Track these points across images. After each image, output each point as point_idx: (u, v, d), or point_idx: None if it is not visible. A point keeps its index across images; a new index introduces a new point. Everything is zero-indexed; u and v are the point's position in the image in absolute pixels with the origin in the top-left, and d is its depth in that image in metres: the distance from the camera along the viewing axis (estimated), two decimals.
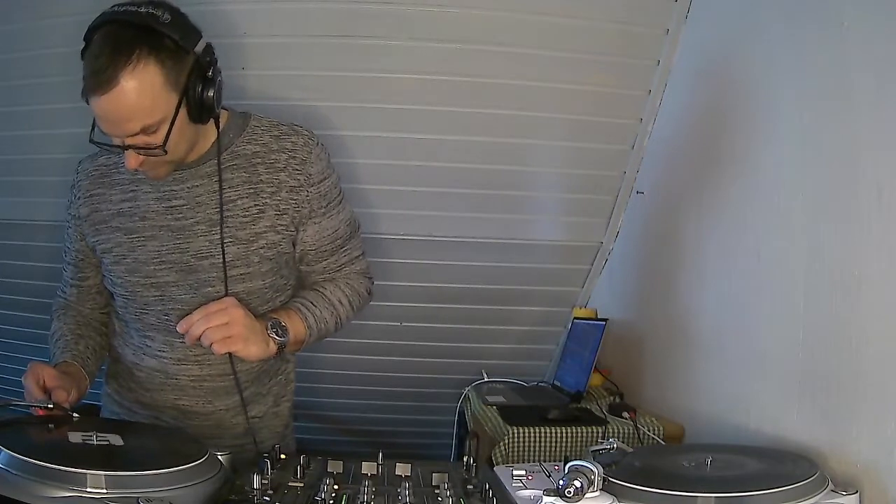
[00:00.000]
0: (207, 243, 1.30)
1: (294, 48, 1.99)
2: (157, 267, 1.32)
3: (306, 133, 1.36)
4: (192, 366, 1.37)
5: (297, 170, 1.33)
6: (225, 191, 1.30)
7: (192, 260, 1.31)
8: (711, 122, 1.81)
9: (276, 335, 1.26)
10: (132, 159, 1.18)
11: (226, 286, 1.30)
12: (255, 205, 1.31)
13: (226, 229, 1.29)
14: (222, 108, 1.32)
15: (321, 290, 1.40)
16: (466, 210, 2.31)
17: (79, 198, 1.39)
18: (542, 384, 2.37)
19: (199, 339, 1.20)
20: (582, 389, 2.06)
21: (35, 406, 1.18)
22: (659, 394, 2.00)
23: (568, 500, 0.96)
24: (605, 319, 2.19)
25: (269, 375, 1.46)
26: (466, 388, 2.30)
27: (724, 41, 1.79)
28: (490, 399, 2.07)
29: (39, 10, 1.97)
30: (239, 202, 1.31)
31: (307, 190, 1.34)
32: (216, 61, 1.22)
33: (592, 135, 2.17)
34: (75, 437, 1.09)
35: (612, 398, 2.07)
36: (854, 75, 1.25)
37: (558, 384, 2.26)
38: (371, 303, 1.52)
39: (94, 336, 1.43)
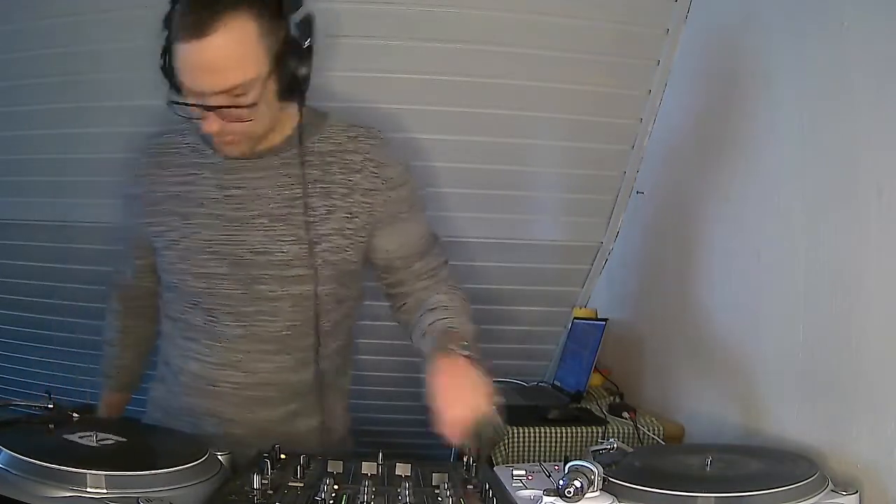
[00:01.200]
0: (266, 239, 1.23)
1: None
2: (208, 256, 1.25)
3: (382, 136, 1.29)
4: (233, 372, 1.29)
5: (374, 172, 1.25)
6: (294, 187, 1.23)
7: (248, 254, 1.24)
8: (711, 122, 1.81)
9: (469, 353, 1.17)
10: (212, 122, 1.11)
11: (315, 289, 1.25)
12: (325, 205, 1.24)
13: (288, 227, 1.23)
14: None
15: (447, 301, 1.31)
16: (466, 210, 2.31)
17: (134, 176, 1.32)
18: (542, 384, 2.37)
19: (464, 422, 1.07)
20: (582, 389, 2.06)
21: (35, 406, 1.18)
22: (659, 394, 2.01)
23: (568, 500, 0.96)
24: (605, 319, 2.19)
25: (319, 389, 1.36)
26: None
27: (723, 41, 1.79)
28: None
29: (39, 10, 1.97)
30: (306, 200, 1.24)
31: (385, 194, 1.26)
32: (314, 35, 1.15)
33: (592, 135, 2.18)
34: (75, 437, 1.09)
35: (612, 398, 2.07)
36: (854, 75, 1.25)
37: (558, 384, 2.26)
38: (371, 302, 1.47)
39: (144, 324, 1.45)
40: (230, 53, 1.06)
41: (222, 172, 1.25)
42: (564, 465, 1.03)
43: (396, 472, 1.15)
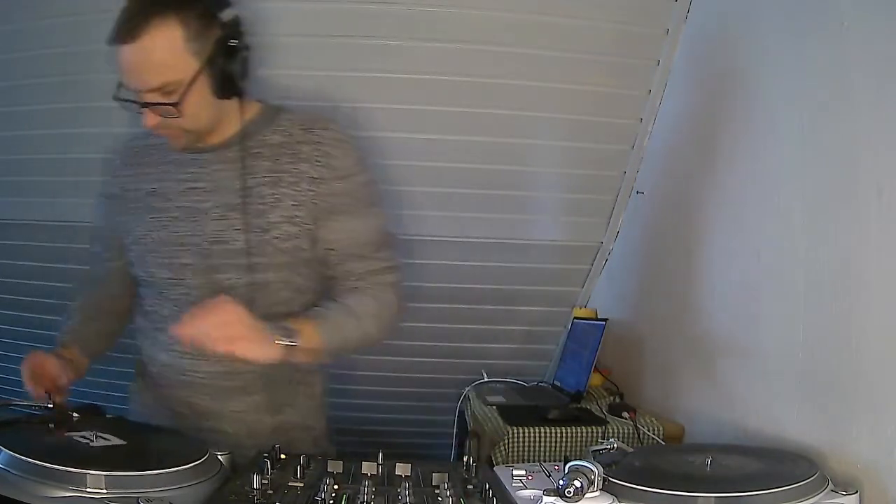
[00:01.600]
0: (221, 228, 1.29)
1: (294, 48, 1.99)
2: (176, 248, 1.31)
3: (336, 127, 1.33)
4: (200, 361, 1.32)
5: (320, 161, 1.29)
6: (247, 178, 1.29)
7: (206, 244, 1.29)
8: (711, 122, 1.81)
9: (283, 337, 1.18)
10: (149, 117, 1.20)
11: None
12: (273, 193, 1.28)
13: (241, 216, 1.28)
14: (257, 100, 1.34)
15: (344, 299, 1.32)
16: (466, 210, 2.31)
17: (112, 177, 1.40)
18: (542, 384, 2.37)
19: (197, 341, 1.13)
20: (582, 389, 2.06)
21: (35, 406, 1.18)
22: (659, 394, 2.00)
23: (568, 500, 0.96)
24: (605, 319, 2.19)
25: (284, 384, 1.40)
26: (466, 388, 2.30)
27: (723, 41, 1.79)
28: (490, 399, 2.07)
29: (39, 10, 1.97)
30: (257, 189, 1.28)
31: (331, 184, 1.29)
32: (244, 36, 1.24)
33: (592, 135, 2.18)
34: (75, 437, 1.09)
35: (612, 398, 2.07)
36: (854, 75, 1.25)
37: (558, 384, 2.26)
38: None
39: (107, 320, 1.45)
40: (157, 56, 1.15)
41: (186, 167, 1.32)
42: (564, 465, 1.03)
43: (396, 472, 1.15)
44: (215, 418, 1.36)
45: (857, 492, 1.05)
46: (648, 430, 1.75)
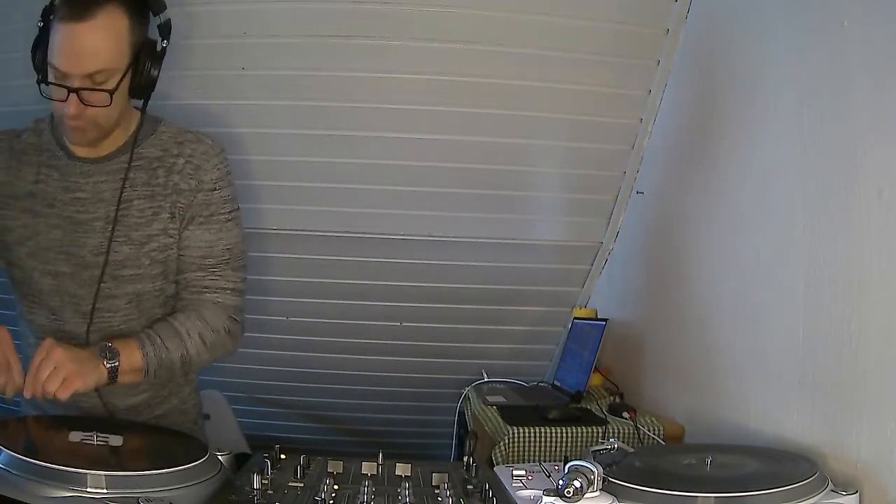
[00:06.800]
0: (103, 240, 1.31)
1: (294, 48, 1.99)
2: (56, 256, 1.33)
3: (210, 142, 1.38)
4: None
5: (191, 174, 1.34)
6: (126, 191, 1.32)
7: (89, 256, 1.32)
8: (711, 121, 1.81)
9: (106, 359, 1.22)
10: (74, 104, 1.20)
11: (96, 296, 1.32)
12: (151, 207, 1.33)
13: (120, 229, 1.31)
14: (137, 109, 1.36)
15: (171, 319, 1.35)
16: (466, 210, 2.31)
17: None
18: (542, 384, 2.37)
19: (43, 395, 1.15)
20: (582, 389, 2.07)
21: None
22: (659, 394, 2.01)
23: (568, 500, 0.96)
24: (605, 319, 2.19)
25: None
26: (466, 388, 2.30)
27: (723, 41, 1.79)
28: (490, 399, 2.07)
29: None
30: (136, 202, 1.32)
31: (195, 195, 1.35)
32: (169, 39, 1.28)
33: (592, 135, 2.17)
34: (75, 437, 1.09)
35: (612, 398, 2.07)
36: (854, 75, 1.25)
37: (558, 384, 2.26)
38: (366, 303, 1.44)
39: None
40: (102, 39, 1.18)
41: (69, 175, 1.33)
42: (564, 465, 1.03)
43: (396, 472, 1.15)
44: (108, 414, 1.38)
45: (857, 492, 1.05)
46: (648, 430, 1.75)
